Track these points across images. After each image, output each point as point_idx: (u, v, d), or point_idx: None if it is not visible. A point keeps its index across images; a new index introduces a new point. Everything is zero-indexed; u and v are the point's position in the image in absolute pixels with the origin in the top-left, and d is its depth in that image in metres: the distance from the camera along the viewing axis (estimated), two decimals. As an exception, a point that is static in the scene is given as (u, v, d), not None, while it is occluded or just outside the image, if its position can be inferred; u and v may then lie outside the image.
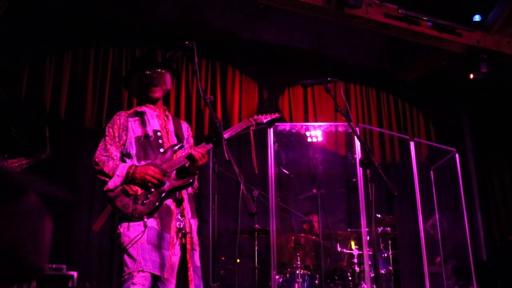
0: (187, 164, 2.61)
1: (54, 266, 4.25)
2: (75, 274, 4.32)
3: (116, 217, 2.59)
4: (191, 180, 2.60)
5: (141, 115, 2.76)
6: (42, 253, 0.78)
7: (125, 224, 2.50)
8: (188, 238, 2.57)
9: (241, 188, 2.01)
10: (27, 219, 0.76)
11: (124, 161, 2.65)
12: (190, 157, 2.57)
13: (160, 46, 6.08)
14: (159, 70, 2.84)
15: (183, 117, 5.93)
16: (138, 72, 2.84)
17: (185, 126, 2.94)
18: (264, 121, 2.92)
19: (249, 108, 6.45)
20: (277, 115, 3.00)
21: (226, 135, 2.63)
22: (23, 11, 5.25)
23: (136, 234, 2.45)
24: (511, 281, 5.96)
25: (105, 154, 2.61)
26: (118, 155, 2.65)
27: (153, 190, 2.52)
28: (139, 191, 2.51)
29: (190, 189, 2.71)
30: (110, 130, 2.70)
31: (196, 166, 2.61)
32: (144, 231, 2.44)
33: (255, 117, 2.91)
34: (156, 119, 2.77)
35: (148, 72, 2.81)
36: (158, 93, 2.82)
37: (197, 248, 2.65)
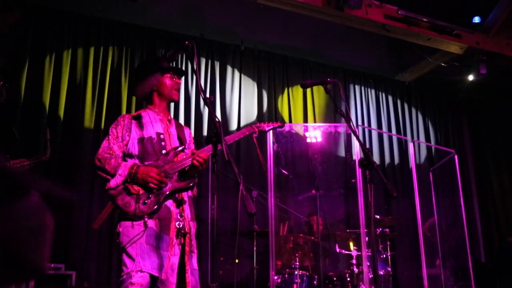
0: (187, 168, 2.62)
1: (52, 265, 4.25)
2: (73, 273, 4.31)
3: (115, 215, 2.57)
4: (191, 184, 2.62)
5: (145, 118, 2.78)
6: (43, 251, 0.77)
7: (124, 223, 2.50)
8: (187, 239, 2.56)
9: (240, 188, 2.01)
10: (29, 217, 0.75)
11: (126, 161, 2.65)
12: (191, 165, 2.60)
13: (160, 45, 6.08)
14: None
15: (182, 117, 5.92)
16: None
17: (187, 131, 2.97)
18: (267, 129, 3.02)
19: (248, 108, 6.44)
20: (279, 123, 3.12)
21: (229, 141, 2.71)
22: (22, 10, 5.24)
23: (136, 233, 2.44)
24: (510, 283, 5.95)
25: (108, 151, 2.62)
26: (121, 154, 2.66)
27: (154, 190, 2.53)
28: (141, 190, 2.52)
29: (190, 192, 2.72)
30: (114, 130, 2.71)
31: (196, 170, 2.62)
32: (144, 231, 2.44)
33: (258, 124, 3.00)
34: (159, 123, 2.79)
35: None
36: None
37: (195, 251, 2.65)
